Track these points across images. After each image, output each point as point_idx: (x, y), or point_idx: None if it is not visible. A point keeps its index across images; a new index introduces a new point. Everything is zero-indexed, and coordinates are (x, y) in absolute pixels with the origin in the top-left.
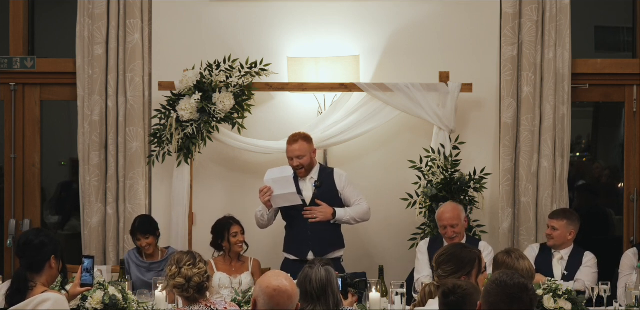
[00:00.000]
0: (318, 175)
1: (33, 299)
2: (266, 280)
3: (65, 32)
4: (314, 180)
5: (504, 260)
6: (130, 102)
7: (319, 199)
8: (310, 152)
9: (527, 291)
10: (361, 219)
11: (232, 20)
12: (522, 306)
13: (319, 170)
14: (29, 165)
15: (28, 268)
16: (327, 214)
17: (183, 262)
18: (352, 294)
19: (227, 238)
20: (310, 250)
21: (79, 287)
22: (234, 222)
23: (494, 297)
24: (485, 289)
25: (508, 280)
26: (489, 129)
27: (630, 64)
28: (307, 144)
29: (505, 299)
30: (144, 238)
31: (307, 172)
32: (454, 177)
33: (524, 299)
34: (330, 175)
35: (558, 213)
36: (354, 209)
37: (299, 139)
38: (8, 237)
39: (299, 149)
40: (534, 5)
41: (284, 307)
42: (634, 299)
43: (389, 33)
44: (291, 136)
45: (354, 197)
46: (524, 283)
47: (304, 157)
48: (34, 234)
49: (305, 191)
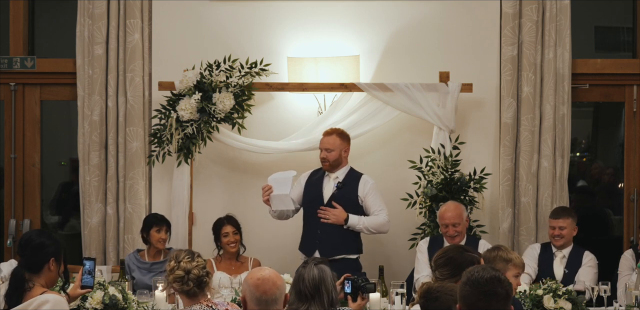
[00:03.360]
0: (344, 177)
1: (33, 301)
2: (250, 274)
3: (65, 32)
4: (338, 180)
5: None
6: (130, 102)
7: (337, 200)
8: (342, 150)
9: (501, 283)
10: (376, 230)
11: (232, 20)
12: (499, 300)
13: (346, 172)
14: (29, 165)
15: (26, 268)
16: (340, 217)
17: (181, 257)
18: (362, 297)
19: (219, 238)
20: (317, 250)
21: (79, 289)
22: (226, 222)
23: (469, 299)
24: (459, 292)
25: (480, 277)
26: (489, 129)
27: (630, 64)
28: (340, 139)
29: (482, 297)
30: (158, 232)
31: (332, 167)
32: (454, 177)
33: (500, 292)
34: (357, 179)
35: (562, 212)
36: (370, 219)
37: (335, 133)
38: (8, 237)
39: (328, 142)
40: (534, 5)
41: (270, 294)
42: (634, 299)
43: (389, 33)
44: (329, 129)
45: (374, 206)
46: (496, 276)
47: (332, 151)
48: (36, 233)
49: (325, 189)
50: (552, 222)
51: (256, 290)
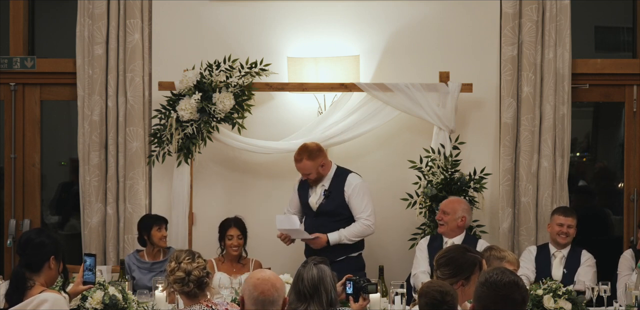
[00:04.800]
0: (330, 183)
1: (32, 299)
2: (251, 274)
3: (65, 32)
4: (324, 188)
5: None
6: (130, 102)
7: (325, 207)
8: (317, 168)
9: (519, 289)
10: (359, 236)
11: (232, 20)
12: (515, 305)
13: (332, 177)
14: (29, 165)
15: (27, 267)
16: (321, 243)
17: (182, 258)
18: (364, 298)
19: (224, 239)
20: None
21: (81, 285)
22: (233, 225)
23: (485, 300)
24: (475, 292)
25: (498, 281)
26: (489, 129)
27: (630, 64)
28: (311, 162)
29: (498, 300)
30: (159, 230)
31: (316, 181)
32: (454, 177)
33: (517, 298)
34: (342, 182)
35: (569, 211)
36: (349, 229)
37: (303, 157)
38: (8, 237)
39: (303, 168)
40: (534, 5)
41: (268, 294)
42: (634, 299)
43: (389, 33)
44: (297, 153)
45: (357, 209)
46: (515, 281)
47: (309, 174)
48: (36, 232)
49: (312, 197)
50: (561, 219)
51: (254, 290)
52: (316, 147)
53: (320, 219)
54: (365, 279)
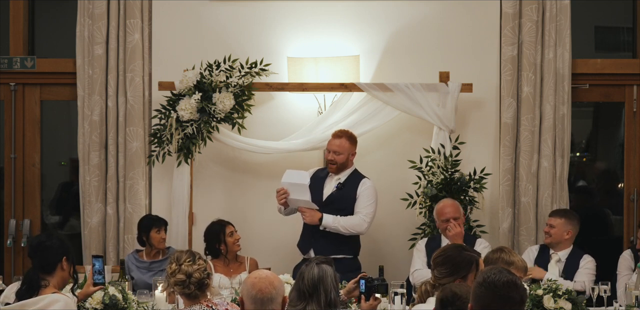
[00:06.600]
0: (346, 178)
1: (43, 298)
2: (250, 274)
3: (65, 32)
4: (339, 181)
5: (500, 256)
6: (130, 102)
7: (335, 200)
8: (349, 153)
9: (517, 288)
10: (352, 229)
11: (232, 20)
12: (513, 304)
13: (349, 174)
14: (29, 165)
15: (40, 269)
16: (314, 217)
17: (183, 259)
18: (375, 298)
19: (223, 240)
20: (312, 248)
21: (91, 287)
22: (226, 223)
23: (483, 300)
24: (474, 291)
25: (496, 280)
26: (489, 129)
27: (630, 64)
28: (349, 143)
29: (496, 300)
30: (158, 232)
31: (338, 170)
32: (454, 177)
33: (514, 297)
34: (357, 181)
35: (557, 211)
36: (345, 218)
37: (344, 135)
38: (8, 237)
39: (338, 145)
40: (534, 5)
41: (266, 292)
42: (634, 299)
43: (389, 33)
44: (338, 131)
45: (361, 205)
46: (513, 280)
47: (340, 154)
48: (45, 236)
49: (326, 188)
50: (547, 219)
51: (252, 288)
52: (355, 135)
53: (325, 210)
54: (380, 279)
